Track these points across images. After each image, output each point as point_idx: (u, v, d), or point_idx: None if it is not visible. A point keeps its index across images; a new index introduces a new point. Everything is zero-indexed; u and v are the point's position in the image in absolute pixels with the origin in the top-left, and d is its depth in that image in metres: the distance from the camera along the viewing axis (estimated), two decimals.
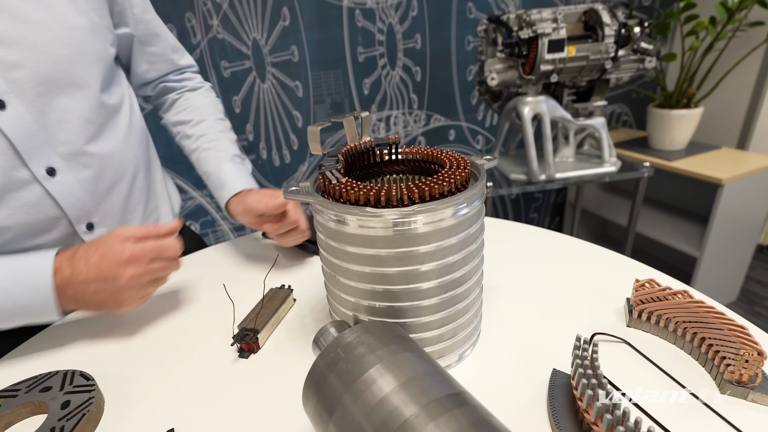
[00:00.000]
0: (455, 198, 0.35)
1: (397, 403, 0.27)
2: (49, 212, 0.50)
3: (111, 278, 0.46)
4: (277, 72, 1.56)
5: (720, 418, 0.35)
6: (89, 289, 0.47)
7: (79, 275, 0.46)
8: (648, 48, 1.11)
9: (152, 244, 0.49)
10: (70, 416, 0.38)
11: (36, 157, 0.48)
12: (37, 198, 0.49)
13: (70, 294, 0.47)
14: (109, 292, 0.47)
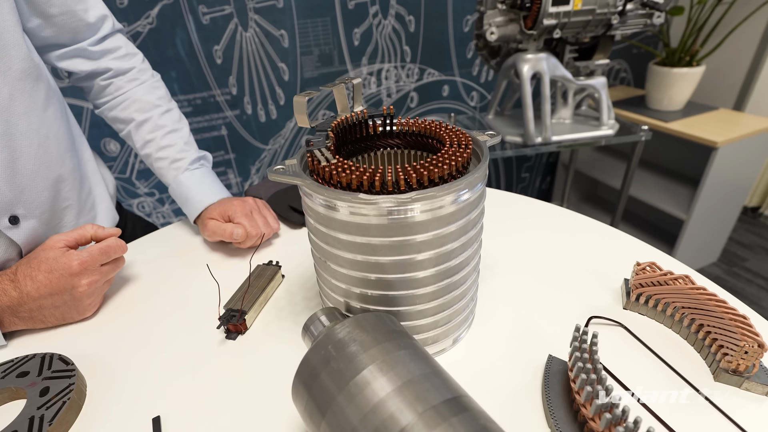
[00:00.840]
0: (456, 183, 0.32)
1: (393, 410, 0.26)
2: None
3: (68, 290, 0.46)
4: (261, 19, 1.45)
5: (713, 406, 0.35)
6: (45, 304, 0.46)
7: (30, 294, 0.45)
8: (658, 2, 1.04)
9: (98, 247, 0.48)
10: (49, 404, 0.37)
11: None
12: None
13: (24, 314, 0.45)
14: (69, 303, 0.47)
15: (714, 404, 0.35)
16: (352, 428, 0.27)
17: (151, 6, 1.30)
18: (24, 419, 0.36)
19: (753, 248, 2.16)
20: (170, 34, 1.36)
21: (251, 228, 0.58)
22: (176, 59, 1.39)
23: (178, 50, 1.39)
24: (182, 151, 0.64)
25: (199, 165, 0.65)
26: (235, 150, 1.62)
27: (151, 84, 0.65)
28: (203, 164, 0.66)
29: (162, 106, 0.65)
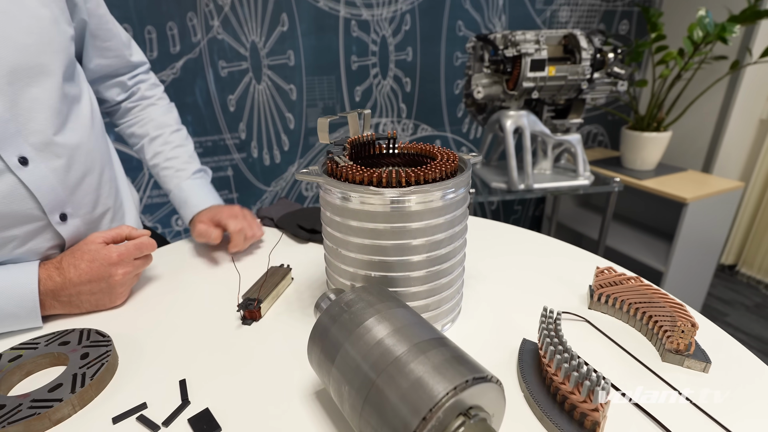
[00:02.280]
0: (445, 183, 0.41)
1: (391, 343, 0.32)
2: (23, 202, 0.51)
3: (105, 278, 0.53)
4: (273, 74, 1.61)
5: (660, 379, 0.42)
6: (84, 290, 0.52)
7: (72, 280, 0.51)
8: (620, 72, 1.21)
9: (134, 243, 0.56)
10: (90, 365, 0.42)
11: (8, 147, 0.49)
12: (10, 187, 0.49)
13: (64, 298, 0.51)
14: (104, 290, 0.53)
15: (662, 378, 0.42)
16: (357, 365, 0.33)
17: (178, 59, 1.46)
18: (68, 375, 0.41)
19: (732, 304, 2.23)
20: (191, 84, 1.51)
21: (235, 225, 0.66)
22: (194, 105, 1.53)
23: (196, 98, 1.53)
24: (186, 163, 0.74)
25: (200, 176, 0.75)
26: (238, 190, 1.72)
27: (166, 108, 0.78)
28: (203, 176, 0.76)
29: (173, 126, 0.76)
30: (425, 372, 0.29)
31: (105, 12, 0.65)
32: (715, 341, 0.47)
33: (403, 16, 1.72)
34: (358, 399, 0.32)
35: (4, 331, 0.50)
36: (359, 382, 0.32)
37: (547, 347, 0.38)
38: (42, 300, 0.51)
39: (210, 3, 1.44)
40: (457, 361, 0.30)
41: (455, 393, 0.28)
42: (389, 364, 0.31)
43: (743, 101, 2.05)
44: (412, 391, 0.29)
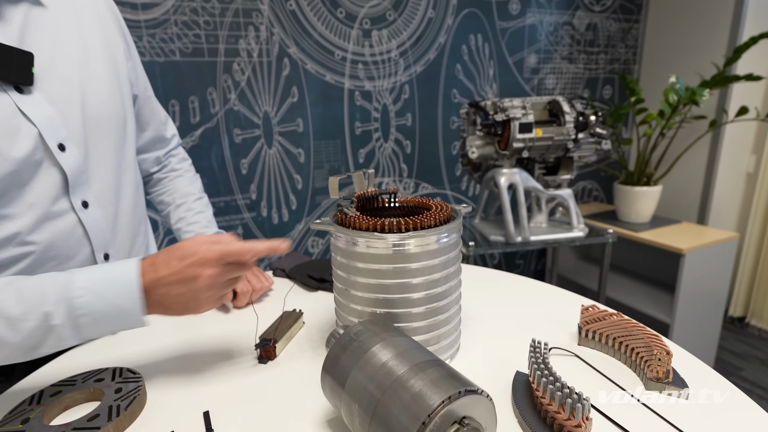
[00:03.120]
0: (439, 229, 0.48)
1: (394, 364, 0.37)
2: (78, 239, 0.58)
3: (191, 279, 0.48)
4: (283, 140, 1.75)
5: (644, 406, 0.45)
6: (172, 292, 0.49)
7: (162, 279, 0.48)
8: (602, 132, 1.32)
9: (229, 247, 0.50)
10: (123, 398, 0.46)
11: (78, 191, 0.58)
12: (71, 226, 0.57)
13: (155, 297, 0.49)
14: (190, 293, 0.49)
15: (645, 404, 0.45)
16: (364, 386, 0.38)
17: (197, 128, 1.60)
18: (104, 407, 0.45)
19: (746, 357, 2.19)
20: (207, 149, 1.64)
21: (242, 286, 0.72)
22: (209, 169, 1.65)
23: (211, 162, 1.65)
24: (205, 227, 0.82)
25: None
26: None
27: (191, 179, 0.87)
28: None
29: (196, 195, 0.85)
30: (423, 386, 0.34)
31: (151, 94, 0.78)
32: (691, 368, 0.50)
33: (403, 86, 1.89)
34: (365, 416, 0.36)
35: (112, 332, 0.50)
36: (366, 401, 0.37)
37: (534, 372, 0.43)
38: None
39: (228, 79, 1.61)
40: (452, 377, 0.35)
41: (449, 402, 0.33)
42: (393, 381, 0.36)
43: (728, 156, 2.17)
44: (412, 402, 0.33)
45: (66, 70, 0.56)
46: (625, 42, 2.41)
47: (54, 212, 0.56)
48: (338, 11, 1.72)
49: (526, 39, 2.12)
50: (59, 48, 0.56)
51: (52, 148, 0.54)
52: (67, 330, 0.46)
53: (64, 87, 0.56)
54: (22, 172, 0.52)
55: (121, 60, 0.66)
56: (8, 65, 0.50)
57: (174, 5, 1.49)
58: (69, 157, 0.56)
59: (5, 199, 0.51)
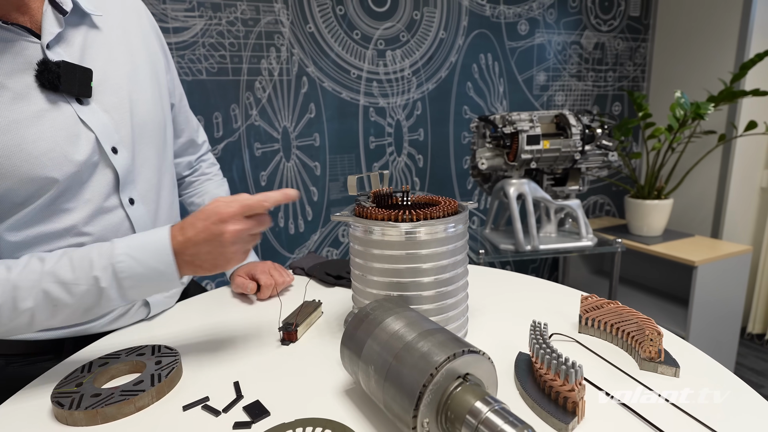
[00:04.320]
0: (446, 219, 0.53)
1: (402, 333, 0.42)
2: (125, 232, 0.65)
3: (217, 235, 0.51)
4: (301, 154, 1.83)
5: (638, 383, 0.49)
6: (202, 251, 0.52)
7: (191, 239, 0.52)
8: (608, 144, 1.36)
9: (243, 202, 0.53)
10: (163, 368, 0.52)
11: (126, 190, 0.64)
12: (119, 220, 0.63)
13: (187, 258, 0.53)
14: (218, 250, 0.52)
15: (640, 381, 0.49)
16: (378, 353, 0.43)
17: (220, 142, 1.69)
18: (147, 375, 0.51)
19: (767, 375, 2.15)
20: (229, 163, 1.73)
21: (266, 280, 0.78)
22: (230, 181, 1.73)
23: (232, 174, 1.74)
24: None
25: None
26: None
27: (219, 182, 0.95)
28: None
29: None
30: (430, 347, 0.39)
31: (185, 103, 0.86)
32: (680, 351, 0.54)
33: (415, 103, 1.97)
34: (380, 378, 0.41)
35: (154, 293, 0.55)
36: (380, 364, 0.42)
37: (534, 346, 0.47)
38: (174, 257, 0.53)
39: (250, 96, 1.71)
40: (455, 340, 0.40)
41: (453, 358, 0.37)
42: (403, 346, 0.41)
43: (740, 170, 2.18)
44: (420, 361, 0.38)
45: (117, 84, 0.64)
46: (633, 60, 2.47)
47: (106, 207, 0.63)
48: (354, 33, 1.82)
49: (534, 58, 2.20)
50: (112, 64, 0.64)
51: (107, 151, 0.61)
52: (114, 291, 0.52)
53: (116, 98, 0.63)
54: (83, 172, 0.59)
55: (162, 73, 0.74)
56: (72, 80, 0.57)
57: (203, 29, 1.61)
58: (120, 159, 0.63)
59: (67, 195, 0.59)
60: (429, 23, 1.94)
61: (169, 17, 1.56)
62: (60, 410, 0.46)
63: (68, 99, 0.58)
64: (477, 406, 0.35)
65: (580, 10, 2.26)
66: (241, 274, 0.80)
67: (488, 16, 2.04)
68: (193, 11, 1.59)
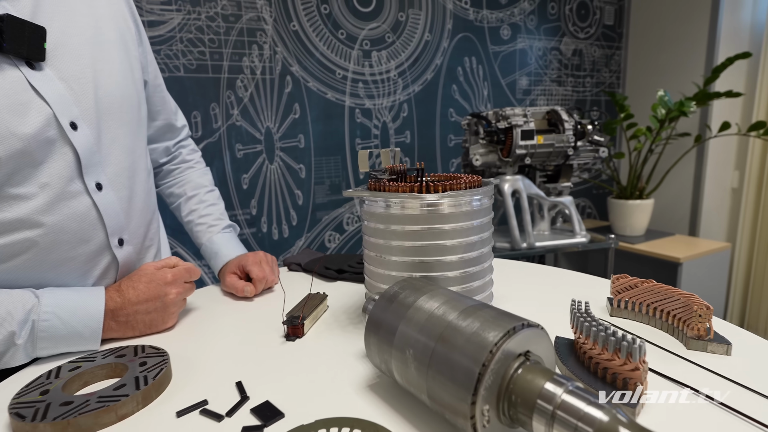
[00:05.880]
0: (473, 191, 0.48)
1: (443, 312, 0.36)
2: (92, 223, 0.57)
3: (161, 296, 0.57)
4: (285, 155, 1.76)
5: (693, 364, 0.44)
6: (141, 310, 0.56)
7: (131, 299, 0.55)
8: (600, 140, 1.36)
9: (184, 266, 0.61)
10: (150, 369, 0.44)
11: (91, 173, 0.56)
12: (85, 208, 0.55)
13: (122, 318, 0.55)
14: (159, 309, 0.57)
15: (693, 362, 0.45)
16: (415, 338, 0.37)
17: (198, 143, 1.60)
18: (130, 377, 0.43)
19: None
20: (208, 164, 1.60)
21: (258, 272, 0.71)
22: None
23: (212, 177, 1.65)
24: (218, 219, 0.81)
25: (230, 231, 0.82)
26: None
27: (202, 171, 0.87)
28: (232, 231, 0.83)
29: (208, 187, 0.85)
30: (479, 326, 0.33)
31: (161, 82, 0.77)
32: (725, 331, 0.50)
33: (401, 105, 1.94)
34: (420, 365, 0.35)
35: (63, 352, 0.52)
36: (421, 350, 0.35)
37: (581, 325, 0.42)
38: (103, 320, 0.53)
39: (232, 95, 1.63)
40: (504, 315, 0.34)
41: (513, 333, 0.32)
42: (445, 327, 0.35)
43: (713, 171, 2.24)
44: (472, 341, 0.32)
45: (78, 49, 0.56)
46: (609, 67, 2.53)
47: (68, 193, 0.54)
48: (339, 32, 1.78)
49: (517, 62, 2.22)
50: (72, 27, 0.56)
51: (65, 126, 0.53)
52: (24, 350, 0.50)
53: (76, 65, 0.55)
54: (34, 150, 0.50)
55: (132, 43, 0.66)
56: (20, 39, 0.49)
57: (180, 23, 1.53)
58: (81, 136, 0.55)
59: (17, 178, 0.50)
60: (414, 25, 1.92)
61: (144, 10, 1.48)
62: (20, 423, 0.37)
63: (15, 61, 0.50)
64: (548, 389, 0.29)
65: (559, 17, 2.30)
66: (232, 269, 0.73)
67: (472, 20, 2.05)
68: (170, 4, 1.51)
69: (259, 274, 0.70)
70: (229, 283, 0.71)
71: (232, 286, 0.70)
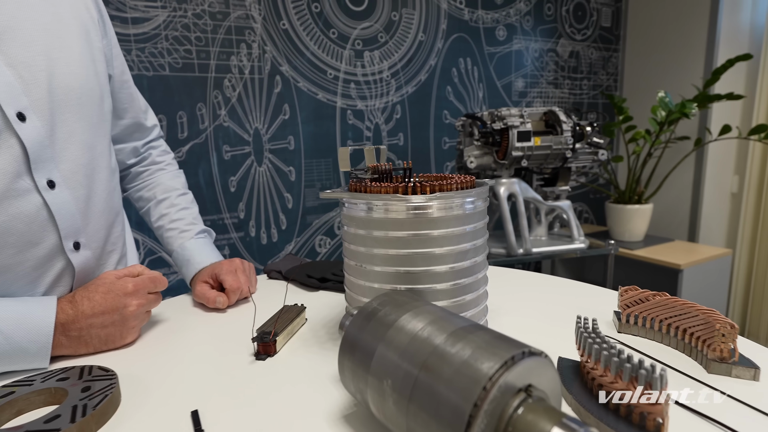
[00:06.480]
0: (466, 192, 0.42)
1: (429, 333, 0.31)
2: (42, 224, 0.51)
3: (120, 308, 0.51)
4: (274, 158, 1.70)
5: (717, 392, 0.39)
6: (96, 323, 0.50)
7: (85, 312, 0.49)
8: (599, 142, 1.31)
9: (148, 276, 0.55)
10: (92, 397, 0.38)
11: (42, 169, 0.51)
12: (35, 208, 0.50)
13: (74, 332, 0.49)
14: (117, 323, 0.51)
15: (713, 387, 0.39)
16: (395, 363, 0.31)
17: (184, 144, 1.54)
18: (67, 407, 0.37)
19: None
20: (195, 166, 1.57)
21: (232, 282, 0.64)
22: (196, 186, 1.58)
23: (198, 179, 1.59)
24: (190, 224, 0.75)
25: (203, 236, 0.75)
26: None
27: (174, 173, 0.80)
28: (206, 236, 0.76)
29: (179, 190, 0.78)
30: (472, 351, 0.28)
31: (128, 78, 0.71)
32: (751, 352, 0.45)
33: (394, 106, 1.89)
34: (401, 397, 0.29)
35: (8, 370, 0.46)
36: (401, 378, 0.30)
37: (590, 346, 0.36)
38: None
39: (219, 95, 1.58)
40: (501, 340, 0.29)
41: (512, 364, 0.26)
42: (431, 352, 0.29)
43: (713, 176, 2.20)
44: (462, 372, 0.27)
45: (30, 35, 0.51)
46: (606, 69, 2.50)
47: (13, 190, 0.49)
48: (330, 32, 1.73)
49: (513, 64, 2.17)
50: (24, 10, 0.51)
51: (10, 116, 0.47)
52: None
53: (27, 52, 0.50)
54: None
55: (95, 34, 0.61)
56: None
57: (165, 21, 1.47)
58: (29, 128, 0.49)
59: None
60: (408, 25, 1.88)
61: (127, 6, 1.42)
62: None
63: None
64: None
65: (556, 18, 2.27)
66: (204, 278, 0.67)
67: (467, 21, 2.01)
68: (155, 1, 1.46)
69: (233, 284, 0.64)
70: (200, 292, 0.64)
71: (202, 296, 0.64)
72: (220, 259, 0.72)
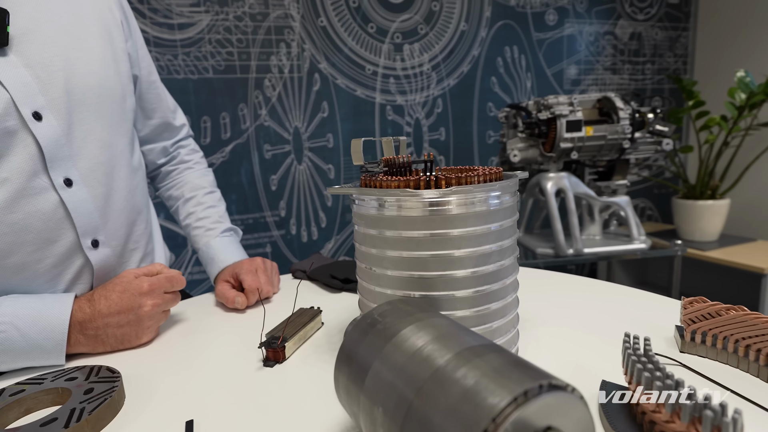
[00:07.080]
0: (490, 185, 0.37)
1: (429, 352, 0.26)
2: (59, 221, 0.52)
3: (135, 308, 0.51)
4: (313, 156, 1.70)
5: None
6: (112, 322, 0.50)
7: (102, 311, 0.50)
8: (663, 130, 1.17)
9: (165, 275, 0.54)
10: (91, 400, 0.37)
11: (58, 167, 0.51)
12: (52, 206, 0.51)
13: (91, 331, 0.49)
14: (132, 322, 0.51)
15: None
16: (390, 383, 0.26)
17: (227, 144, 1.58)
18: (66, 410, 0.36)
19: None
20: (237, 166, 1.61)
21: (251, 282, 0.63)
22: (238, 185, 1.62)
23: (241, 178, 1.62)
24: (216, 222, 0.74)
25: (229, 234, 0.75)
26: None
27: (202, 172, 0.80)
28: (232, 234, 0.76)
29: (207, 188, 0.78)
30: (480, 378, 0.23)
31: (156, 79, 0.72)
32: None
33: (435, 100, 1.82)
34: (394, 426, 0.25)
35: (25, 366, 0.47)
36: (393, 405, 0.25)
37: (639, 374, 0.30)
38: (69, 333, 0.48)
39: (259, 95, 1.60)
40: (516, 366, 0.23)
41: (523, 401, 0.21)
42: (432, 374, 0.25)
43: None
44: (464, 403, 0.22)
45: (49, 36, 0.51)
46: (674, 51, 2.26)
47: (31, 189, 0.49)
48: (369, 26, 1.70)
49: (564, 50, 2.03)
50: (44, 13, 0.52)
51: (25, 116, 0.48)
52: None
53: (45, 52, 0.51)
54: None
55: (118, 34, 0.61)
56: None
57: (209, 25, 1.52)
58: (45, 128, 0.50)
59: None
60: (449, 14, 1.80)
61: (173, 13, 1.48)
62: None
63: None
64: None
65: None
66: (225, 277, 0.66)
67: (513, 6, 1.90)
68: (199, 6, 1.50)
69: (251, 284, 0.62)
70: (220, 292, 0.63)
71: (222, 295, 0.63)
72: (243, 257, 0.71)
